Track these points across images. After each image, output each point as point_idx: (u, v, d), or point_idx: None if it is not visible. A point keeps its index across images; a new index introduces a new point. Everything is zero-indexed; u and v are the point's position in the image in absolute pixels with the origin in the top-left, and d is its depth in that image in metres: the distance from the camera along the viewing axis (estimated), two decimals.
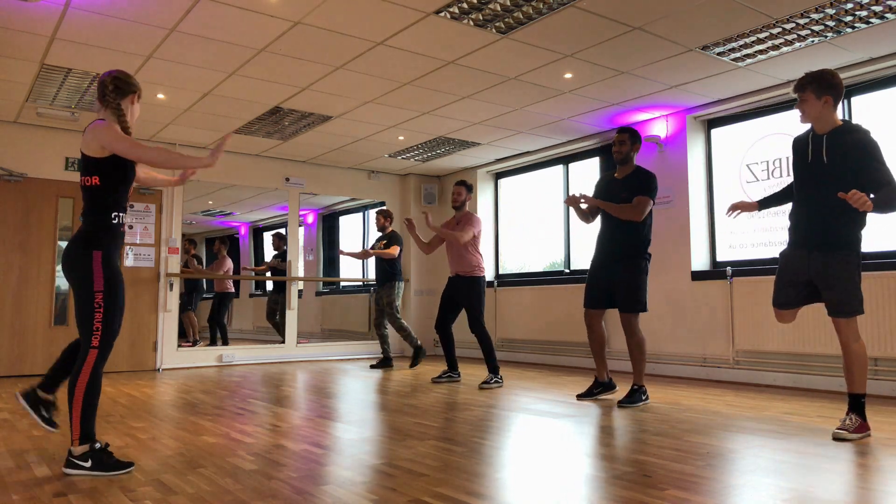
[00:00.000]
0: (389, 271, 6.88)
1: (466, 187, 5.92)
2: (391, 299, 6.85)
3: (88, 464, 2.67)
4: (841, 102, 5.19)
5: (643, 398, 4.36)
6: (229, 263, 9.40)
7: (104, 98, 2.90)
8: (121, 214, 2.85)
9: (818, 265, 3.34)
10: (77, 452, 2.68)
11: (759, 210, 3.73)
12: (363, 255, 7.52)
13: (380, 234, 7.19)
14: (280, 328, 8.74)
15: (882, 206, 3.13)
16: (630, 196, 4.38)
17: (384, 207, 7.54)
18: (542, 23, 4.25)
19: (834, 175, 3.28)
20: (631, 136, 4.49)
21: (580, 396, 4.61)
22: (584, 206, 4.60)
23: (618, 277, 4.41)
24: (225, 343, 8.65)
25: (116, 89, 2.90)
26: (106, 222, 2.80)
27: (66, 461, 2.70)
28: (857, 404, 3.29)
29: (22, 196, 6.43)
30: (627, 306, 4.38)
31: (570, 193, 4.68)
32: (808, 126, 3.50)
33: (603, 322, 4.59)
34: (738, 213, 3.77)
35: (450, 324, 5.82)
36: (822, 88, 3.31)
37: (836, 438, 3.20)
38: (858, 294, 3.29)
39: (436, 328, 5.83)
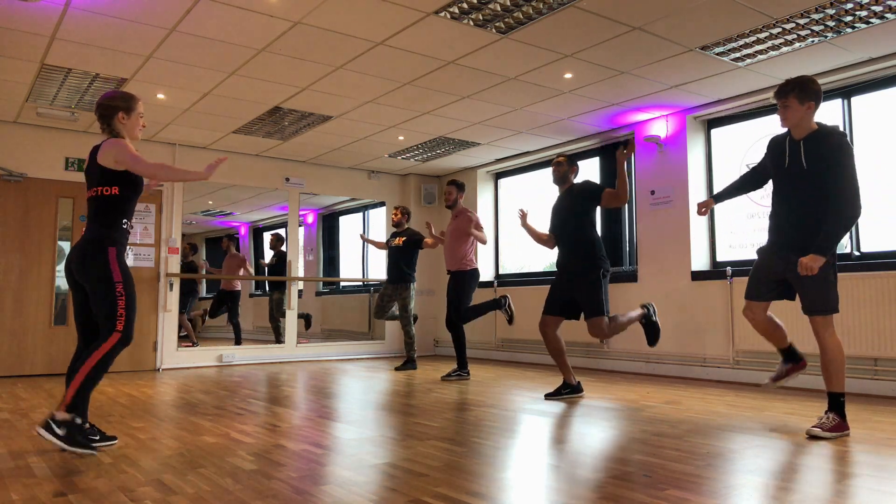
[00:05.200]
0: (407, 272, 6.70)
1: (457, 187, 6.26)
2: (406, 302, 6.71)
3: (62, 432, 2.77)
4: (841, 102, 5.26)
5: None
6: (243, 258, 9.42)
7: (101, 127, 3.15)
8: (128, 221, 3.12)
9: (796, 267, 3.38)
10: (59, 417, 2.78)
11: (715, 203, 3.92)
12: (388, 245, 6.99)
13: (395, 229, 6.98)
14: (278, 331, 8.73)
15: (832, 240, 3.26)
16: (582, 205, 4.67)
17: (402, 206, 7.12)
18: (542, 23, 4.25)
19: (812, 180, 3.35)
20: (568, 159, 4.88)
21: (548, 396, 4.68)
22: (626, 155, 4.47)
23: (577, 292, 4.60)
24: (238, 342, 8.65)
25: (102, 117, 3.13)
26: (116, 226, 3.06)
27: (43, 422, 2.80)
28: (836, 403, 3.31)
29: (22, 196, 6.43)
30: (592, 313, 4.53)
31: (521, 210, 4.96)
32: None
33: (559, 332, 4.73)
34: (706, 210, 3.90)
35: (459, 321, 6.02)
36: (805, 95, 3.35)
37: (811, 436, 3.22)
38: (834, 292, 3.34)
39: (447, 326, 6.09)
